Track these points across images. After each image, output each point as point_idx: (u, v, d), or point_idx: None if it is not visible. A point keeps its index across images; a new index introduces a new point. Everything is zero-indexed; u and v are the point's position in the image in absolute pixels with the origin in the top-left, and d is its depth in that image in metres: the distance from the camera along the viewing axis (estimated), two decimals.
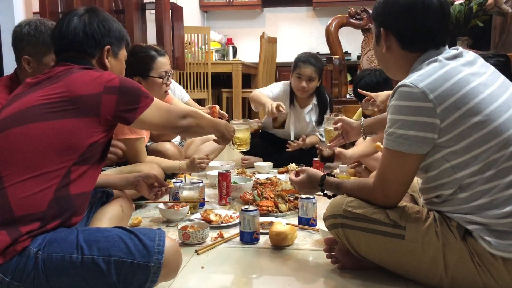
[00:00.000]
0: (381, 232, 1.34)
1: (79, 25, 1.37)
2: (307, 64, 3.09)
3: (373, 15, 1.44)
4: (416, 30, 1.32)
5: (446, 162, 1.26)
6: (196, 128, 1.55)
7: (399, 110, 1.27)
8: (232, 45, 6.31)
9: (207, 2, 6.80)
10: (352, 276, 1.48)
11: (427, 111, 1.23)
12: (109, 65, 1.42)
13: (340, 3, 6.46)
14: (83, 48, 1.37)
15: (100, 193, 1.64)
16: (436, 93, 1.22)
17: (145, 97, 1.37)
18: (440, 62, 1.28)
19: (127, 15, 3.61)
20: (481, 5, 2.91)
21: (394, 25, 1.35)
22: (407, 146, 1.26)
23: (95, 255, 1.13)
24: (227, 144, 1.95)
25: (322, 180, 1.56)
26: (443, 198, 1.30)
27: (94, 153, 1.27)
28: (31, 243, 1.14)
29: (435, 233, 1.28)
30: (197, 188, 2.17)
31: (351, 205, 1.40)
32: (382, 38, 1.38)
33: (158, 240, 1.18)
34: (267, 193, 2.24)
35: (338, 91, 3.68)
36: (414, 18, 1.32)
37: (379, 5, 1.39)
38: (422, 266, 1.32)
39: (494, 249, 1.21)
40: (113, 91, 1.28)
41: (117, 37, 1.44)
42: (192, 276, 1.50)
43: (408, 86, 1.25)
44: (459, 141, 1.23)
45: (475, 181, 1.23)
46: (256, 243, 1.76)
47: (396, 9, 1.33)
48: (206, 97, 4.96)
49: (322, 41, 4.96)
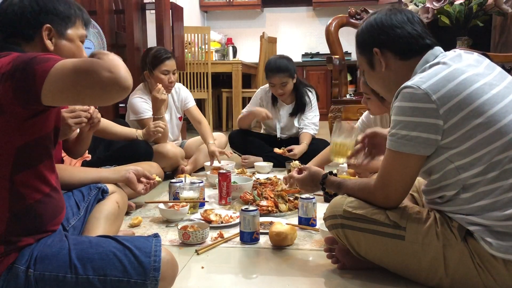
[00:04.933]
0: (381, 232, 1.34)
1: (10, 4, 1.19)
2: (275, 73, 3.15)
3: (359, 45, 1.46)
4: (407, 36, 1.35)
5: (450, 163, 1.25)
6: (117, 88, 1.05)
7: (402, 111, 1.26)
8: (232, 45, 6.31)
9: (207, 2, 6.81)
10: (352, 276, 1.47)
11: (430, 112, 1.22)
12: (54, 47, 1.22)
13: (340, 3, 6.47)
14: (17, 31, 1.19)
15: (95, 190, 1.61)
16: (439, 94, 1.22)
17: (41, 62, 1.02)
18: (444, 64, 1.28)
19: (127, 15, 3.61)
20: (481, 5, 2.91)
21: (386, 40, 1.37)
22: (410, 147, 1.25)
23: (90, 275, 1.10)
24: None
25: (324, 179, 1.56)
26: (446, 198, 1.30)
27: (33, 153, 1.10)
28: (17, 260, 1.09)
29: (435, 234, 1.28)
30: (197, 188, 2.17)
31: (351, 206, 1.40)
32: (378, 57, 1.39)
33: (154, 256, 1.13)
34: (267, 193, 2.24)
35: (338, 91, 3.68)
36: (401, 27, 1.36)
37: (362, 33, 1.43)
38: (422, 266, 1.32)
39: (495, 250, 1.21)
40: (6, 78, 1.02)
41: (60, 14, 1.22)
42: (192, 276, 1.50)
43: (411, 87, 1.25)
44: (463, 142, 1.22)
45: (478, 181, 1.22)
46: (256, 243, 1.76)
47: (381, 26, 1.38)
48: (206, 97, 4.96)
49: (322, 41, 4.96)
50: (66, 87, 1.01)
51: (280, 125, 3.39)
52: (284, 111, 3.37)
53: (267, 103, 3.38)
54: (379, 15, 1.40)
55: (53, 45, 1.22)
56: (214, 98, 5.85)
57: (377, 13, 1.42)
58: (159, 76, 2.85)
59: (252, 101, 3.45)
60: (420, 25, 1.37)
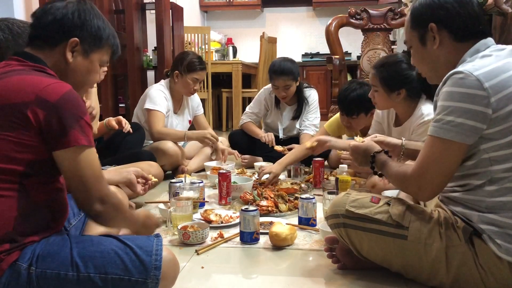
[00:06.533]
0: (383, 232, 1.34)
1: (55, 9, 1.21)
2: (279, 76, 3.14)
3: (414, 18, 1.39)
4: (466, 16, 1.30)
5: (485, 153, 1.22)
6: (108, 221, 1.22)
7: (450, 96, 1.21)
8: (232, 45, 6.31)
9: (207, 2, 6.80)
10: (352, 276, 1.47)
11: (481, 99, 1.17)
12: (73, 60, 1.22)
13: (340, 3, 6.46)
14: (48, 34, 1.20)
15: None
16: (492, 82, 1.17)
17: (80, 131, 1.10)
18: (497, 56, 1.25)
19: (127, 15, 3.61)
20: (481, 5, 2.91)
21: (444, 16, 1.32)
22: (453, 134, 1.20)
23: (91, 273, 1.10)
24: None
25: (374, 156, 1.50)
26: (469, 187, 1.27)
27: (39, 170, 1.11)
28: (20, 258, 1.08)
29: (438, 234, 1.28)
30: (197, 188, 2.17)
31: (354, 205, 1.39)
32: (434, 33, 1.33)
33: (155, 255, 1.13)
34: (267, 193, 2.24)
35: (338, 91, 3.68)
36: (461, 5, 1.31)
37: (421, 6, 1.37)
38: (424, 266, 1.31)
39: (504, 253, 1.19)
40: (45, 109, 1.07)
41: (93, 35, 1.24)
42: (192, 276, 1.50)
43: (462, 73, 1.20)
44: (506, 135, 1.19)
45: (506, 177, 1.20)
46: (256, 243, 1.76)
47: (442, 1, 1.32)
48: (206, 97, 4.96)
49: (322, 41, 4.96)
50: (67, 169, 1.12)
51: (282, 126, 3.39)
52: (286, 112, 3.37)
53: (271, 105, 3.39)
54: None
55: (73, 58, 1.22)
56: (214, 98, 5.85)
57: None
58: (188, 81, 3.00)
59: (255, 102, 3.44)
60: (479, 8, 1.33)
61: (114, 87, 3.71)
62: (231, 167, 2.88)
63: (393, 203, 1.37)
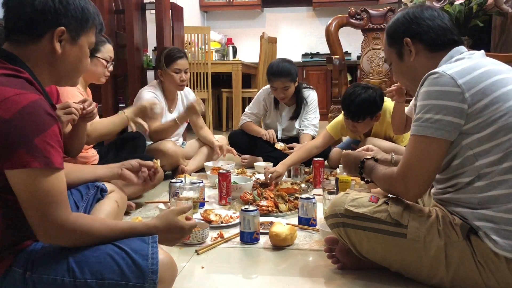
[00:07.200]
0: (383, 231, 1.34)
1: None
2: (277, 77, 3.15)
3: (390, 36, 1.48)
4: (437, 28, 1.39)
5: (469, 149, 1.26)
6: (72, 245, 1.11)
7: (427, 96, 1.28)
8: (232, 45, 6.30)
9: (207, 2, 6.81)
10: (352, 276, 1.48)
11: (456, 95, 1.24)
12: (62, 50, 1.13)
13: (340, 3, 6.47)
14: (29, 27, 1.09)
15: (94, 189, 1.60)
16: (465, 79, 1.24)
17: (29, 151, 0.98)
18: (469, 58, 1.33)
19: (127, 15, 3.61)
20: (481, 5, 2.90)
21: (417, 30, 1.40)
22: (433, 130, 1.25)
23: (88, 279, 1.08)
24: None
25: (363, 162, 1.57)
26: (459, 186, 1.30)
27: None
28: (15, 263, 1.07)
29: (437, 232, 1.29)
30: (197, 188, 2.17)
31: (353, 204, 1.40)
32: (410, 46, 1.41)
33: (152, 259, 1.11)
34: (267, 193, 2.24)
35: (338, 91, 3.68)
36: (432, 19, 1.40)
37: (394, 24, 1.47)
38: (423, 265, 1.32)
39: (500, 249, 1.21)
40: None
41: (79, 18, 1.13)
42: (192, 276, 1.50)
43: (437, 73, 1.28)
44: (485, 128, 1.23)
45: (493, 170, 1.23)
46: (256, 243, 1.76)
47: (413, 17, 1.42)
48: (206, 97, 4.95)
49: (322, 41, 4.96)
50: (18, 192, 1.02)
51: (281, 126, 3.40)
52: (285, 113, 3.38)
53: (270, 105, 3.40)
54: (410, 9, 1.46)
55: (62, 48, 1.13)
56: (214, 98, 5.85)
57: (407, 8, 1.48)
58: (171, 74, 2.96)
59: (254, 103, 3.45)
60: (448, 21, 1.42)
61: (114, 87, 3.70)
62: (231, 167, 2.89)
63: (391, 202, 1.38)
